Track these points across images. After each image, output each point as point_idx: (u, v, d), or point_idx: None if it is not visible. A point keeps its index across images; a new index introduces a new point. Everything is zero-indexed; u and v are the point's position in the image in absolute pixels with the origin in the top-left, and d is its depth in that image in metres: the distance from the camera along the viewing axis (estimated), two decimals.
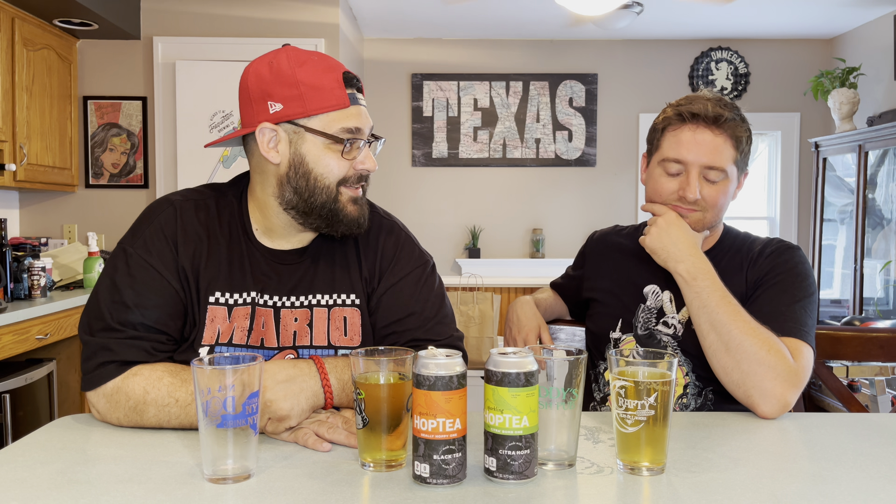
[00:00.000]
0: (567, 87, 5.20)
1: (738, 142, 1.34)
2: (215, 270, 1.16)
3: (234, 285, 1.16)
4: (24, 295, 2.97)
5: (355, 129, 1.14)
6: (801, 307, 1.28)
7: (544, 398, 0.91)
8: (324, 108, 1.12)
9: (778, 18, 4.70)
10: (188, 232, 1.16)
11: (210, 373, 0.86)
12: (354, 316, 1.20)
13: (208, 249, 1.16)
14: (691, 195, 1.32)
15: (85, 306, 1.15)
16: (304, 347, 1.17)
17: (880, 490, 0.86)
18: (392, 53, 5.17)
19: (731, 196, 1.38)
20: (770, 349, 1.17)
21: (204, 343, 1.13)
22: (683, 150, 1.32)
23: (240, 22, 3.96)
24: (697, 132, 1.32)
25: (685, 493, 0.84)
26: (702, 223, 1.36)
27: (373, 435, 0.91)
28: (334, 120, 1.13)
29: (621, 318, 1.44)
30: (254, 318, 1.16)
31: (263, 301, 1.17)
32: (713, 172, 1.32)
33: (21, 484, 0.87)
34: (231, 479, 0.87)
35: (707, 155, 1.31)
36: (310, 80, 1.12)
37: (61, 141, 3.70)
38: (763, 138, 5.34)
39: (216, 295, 1.15)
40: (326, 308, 1.19)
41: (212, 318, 1.14)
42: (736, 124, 1.34)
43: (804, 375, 1.19)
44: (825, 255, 4.76)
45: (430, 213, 5.15)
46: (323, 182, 1.14)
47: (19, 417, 2.76)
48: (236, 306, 1.15)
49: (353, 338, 1.19)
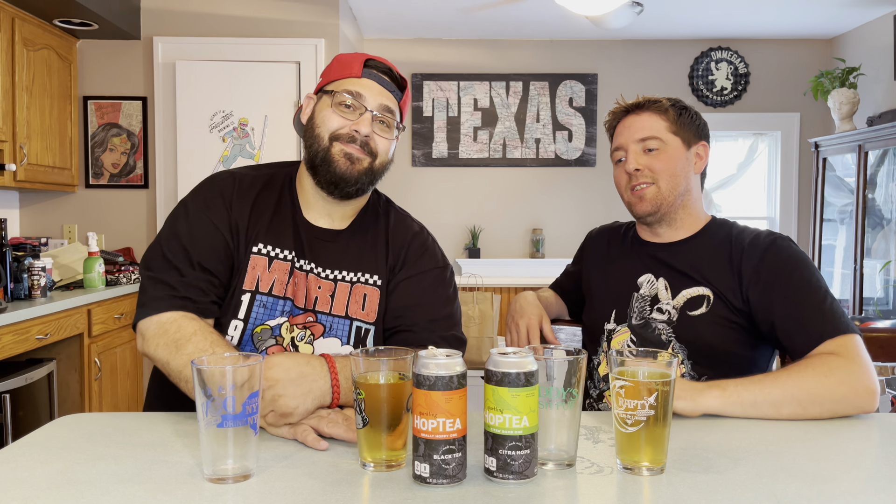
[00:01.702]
0: (567, 87, 5.20)
1: (664, 113, 1.44)
2: (260, 226, 1.27)
3: (275, 240, 1.27)
4: (24, 295, 2.97)
5: (356, 93, 1.25)
6: (829, 301, 1.28)
7: (544, 398, 0.91)
8: (339, 77, 1.28)
9: (778, 18, 4.70)
10: (243, 195, 1.29)
11: (210, 373, 0.87)
12: (374, 294, 1.30)
13: (258, 210, 1.29)
14: (630, 166, 1.43)
15: (146, 251, 1.29)
16: (322, 313, 1.27)
17: (880, 490, 0.86)
18: (392, 53, 5.17)
19: (684, 164, 1.43)
20: (823, 378, 1.14)
21: (245, 288, 1.24)
22: (619, 138, 1.47)
23: (240, 22, 3.96)
24: (626, 120, 1.47)
25: (685, 493, 0.84)
26: (658, 195, 1.42)
27: (373, 435, 0.91)
28: (342, 84, 1.27)
29: (615, 309, 1.46)
30: (292, 274, 1.26)
31: (300, 265, 1.27)
32: (648, 142, 1.42)
33: (21, 484, 0.87)
34: (231, 479, 0.87)
35: (637, 132, 1.44)
36: (342, 59, 1.30)
37: (61, 141, 3.70)
38: (763, 138, 5.34)
39: (259, 245, 1.27)
40: (349, 284, 1.30)
41: (253, 265, 1.25)
42: (654, 102, 1.46)
43: (864, 362, 1.18)
44: (825, 255, 4.76)
45: (430, 213, 5.15)
46: (318, 131, 1.26)
47: (19, 417, 2.76)
48: (276, 259, 1.26)
49: (370, 314, 1.29)
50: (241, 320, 1.24)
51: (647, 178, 1.42)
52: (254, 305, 1.24)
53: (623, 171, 1.45)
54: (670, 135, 1.43)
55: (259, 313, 1.24)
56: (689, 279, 1.40)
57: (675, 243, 1.46)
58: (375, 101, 1.26)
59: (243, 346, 1.23)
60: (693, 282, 1.39)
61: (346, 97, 1.25)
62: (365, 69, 1.28)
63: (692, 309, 1.38)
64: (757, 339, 1.37)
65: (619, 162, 1.47)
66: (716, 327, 1.36)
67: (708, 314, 1.36)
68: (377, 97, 1.26)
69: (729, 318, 1.36)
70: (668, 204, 1.42)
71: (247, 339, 1.23)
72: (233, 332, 1.24)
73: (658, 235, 1.48)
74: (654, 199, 1.42)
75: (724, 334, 1.35)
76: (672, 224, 1.46)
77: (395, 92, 1.30)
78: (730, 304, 1.36)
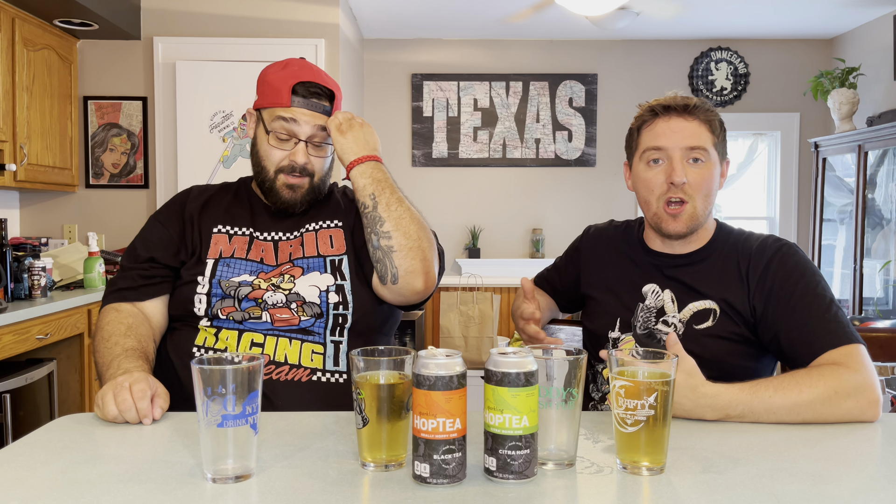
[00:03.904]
0: (567, 87, 5.20)
1: (711, 125, 1.36)
2: (218, 213, 1.49)
3: (232, 221, 1.48)
4: (24, 295, 2.97)
5: (289, 121, 1.40)
6: (834, 310, 1.26)
7: (544, 398, 0.91)
8: (270, 104, 1.42)
9: (778, 18, 4.70)
10: (198, 196, 1.52)
11: (210, 373, 0.87)
12: (338, 233, 1.47)
13: (214, 202, 1.50)
14: (678, 178, 1.32)
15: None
16: (298, 259, 1.43)
17: (880, 490, 0.86)
18: (392, 53, 5.17)
19: (716, 183, 1.38)
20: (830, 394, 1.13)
21: (210, 257, 1.43)
22: (662, 139, 1.35)
23: (240, 22, 3.96)
24: (672, 121, 1.36)
25: (685, 493, 0.84)
26: (694, 216, 1.35)
27: (373, 435, 0.91)
28: (274, 112, 1.41)
29: (619, 318, 1.44)
30: (251, 244, 1.45)
31: (263, 237, 1.47)
32: (696, 152, 1.34)
33: (22, 484, 0.87)
34: (231, 479, 0.87)
35: (686, 139, 1.34)
36: (271, 80, 1.42)
37: (61, 141, 3.70)
38: (763, 138, 5.34)
39: (218, 227, 1.47)
40: (314, 232, 1.47)
41: (215, 242, 1.45)
42: (706, 109, 1.37)
43: (869, 373, 1.17)
44: (825, 255, 4.76)
45: (430, 213, 5.13)
46: (264, 164, 1.44)
47: (19, 417, 2.76)
48: (235, 235, 1.46)
49: (339, 248, 1.45)
50: (206, 277, 1.42)
51: (685, 193, 1.34)
52: (217, 266, 1.42)
53: (660, 176, 1.35)
54: (713, 149, 1.35)
55: (223, 271, 1.42)
56: (696, 293, 1.37)
57: (683, 255, 1.42)
58: (305, 129, 1.41)
59: (213, 293, 1.40)
60: (700, 295, 1.37)
61: (279, 130, 1.40)
62: (294, 97, 1.40)
63: (698, 322, 1.36)
64: (761, 351, 1.36)
65: (656, 163, 1.36)
66: (722, 341, 1.34)
67: (714, 328, 1.35)
68: (306, 125, 1.41)
69: (735, 331, 1.34)
70: (698, 224, 1.37)
71: (215, 289, 1.40)
72: (202, 283, 1.41)
73: (670, 247, 1.43)
74: (689, 219, 1.35)
75: (730, 348, 1.34)
76: (688, 239, 1.41)
77: (324, 109, 1.43)
78: (736, 317, 1.34)
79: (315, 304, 1.38)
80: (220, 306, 1.37)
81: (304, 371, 1.34)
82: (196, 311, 1.38)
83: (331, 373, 1.36)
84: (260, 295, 1.38)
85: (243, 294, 1.38)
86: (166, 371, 1.38)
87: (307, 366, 1.35)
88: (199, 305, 1.38)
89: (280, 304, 1.37)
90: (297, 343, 1.36)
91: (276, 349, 1.35)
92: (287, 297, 1.37)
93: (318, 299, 1.38)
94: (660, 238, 1.43)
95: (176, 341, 1.40)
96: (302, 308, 1.37)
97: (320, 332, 1.38)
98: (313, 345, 1.37)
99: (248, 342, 1.35)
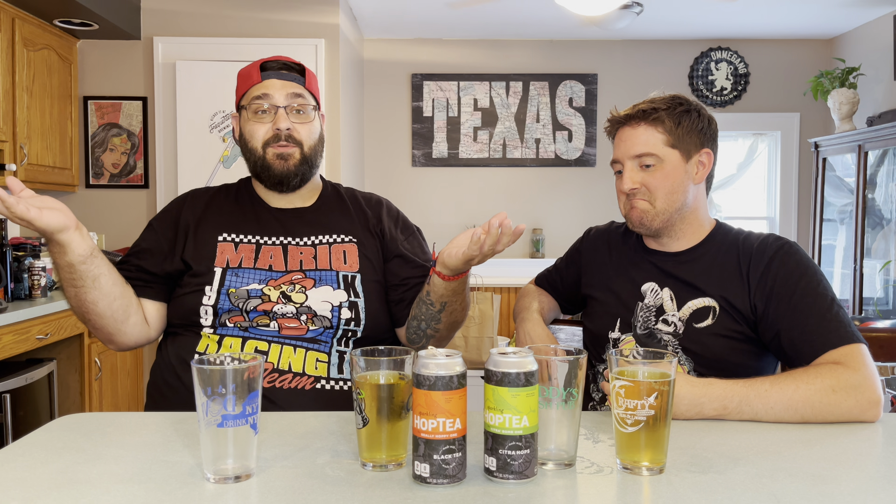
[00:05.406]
0: (567, 87, 5.20)
1: (662, 124, 1.39)
2: (221, 217, 1.47)
3: (237, 228, 1.46)
4: (24, 295, 2.97)
5: (262, 94, 1.42)
6: (836, 310, 1.26)
7: (544, 398, 0.91)
8: (245, 88, 1.46)
9: (778, 18, 4.70)
10: (196, 200, 1.51)
11: (210, 373, 0.87)
12: (352, 249, 1.47)
13: (214, 207, 1.49)
14: (626, 185, 1.40)
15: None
16: (310, 270, 1.42)
17: (880, 490, 0.86)
18: (392, 53, 5.17)
19: (682, 178, 1.39)
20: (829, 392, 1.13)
21: (216, 266, 1.41)
22: (616, 151, 1.44)
23: (240, 22, 3.96)
24: (622, 132, 1.43)
25: (685, 493, 0.84)
26: (650, 213, 1.39)
27: (373, 435, 0.91)
28: (249, 94, 1.45)
29: (619, 318, 1.44)
30: (259, 251, 1.43)
31: (272, 241, 1.45)
32: (644, 158, 1.39)
33: (22, 483, 0.87)
34: (231, 479, 0.87)
35: (632, 147, 1.40)
36: (242, 73, 1.48)
37: (61, 141, 3.70)
38: (763, 138, 5.34)
39: (223, 235, 1.45)
40: (328, 245, 1.46)
41: (221, 251, 1.43)
42: (659, 113, 1.39)
43: (870, 373, 1.17)
44: (825, 255, 4.76)
45: (430, 213, 5.15)
46: (251, 144, 1.44)
47: (19, 417, 2.76)
48: (241, 244, 1.44)
49: (352, 265, 1.45)
50: (214, 287, 1.40)
51: (643, 195, 1.39)
52: (226, 276, 1.40)
53: (621, 184, 1.43)
54: (667, 149, 1.38)
55: (231, 281, 1.40)
56: (695, 290, 1.38)
57: (679, 253, 1.43)
58: (281, 94, 1.42)
59: (220, 306, 1.37)
60: (699, 293, 1.37)
61: (257, 104, 1.42)
62: (263, 73, 1.44)
63: (698, 321, 1.36)
64: (762, 350, 1.36)
65: (619, 174, 1.44)
66: (722, 339, 1.34)
67: (714, 326, 1.35)
68: (281, 90, 1.43)
69: (735, 329, 1.34)
70: (662, 220, 1.39)
71: (223, 300, 1.38)
72: (209, 294, 1.39)
73: (662, 245, 1.45)
74: (646, 216, 1.39)
75: (730, 346, 1.34)
76: (673, 235, 1.43)
77: (296, 78, 1.45)
78: (736, 315, 1.34)
79: (326, 318, 1.37)
80: (226, 318, 1.36)
81: (307, 379, 1.34)
82: (202, 322, 1.38)
83: (335, 380, 1.36)
84: (269, 308, 1.36)
85: (252, 306, 1.37)
86: (166, 373, 1.38)
87: (311, 374, 1.34)
88: (206, 317, 1.37)
89: (290, 315, 1.36)
90: (301, 351, 1.35)
91: (280, 357, 1.34)
92: (297, 310, 1.36)
93: (330, 314, 1.37)
94: (652, 237, 1.46)
95: (178, 346, 1.39)
96: (312, 321, 1.36)
97: (328, 341, 1.38)
98: (318, 353, 1.36)
99: (252, 350, 1.35)
